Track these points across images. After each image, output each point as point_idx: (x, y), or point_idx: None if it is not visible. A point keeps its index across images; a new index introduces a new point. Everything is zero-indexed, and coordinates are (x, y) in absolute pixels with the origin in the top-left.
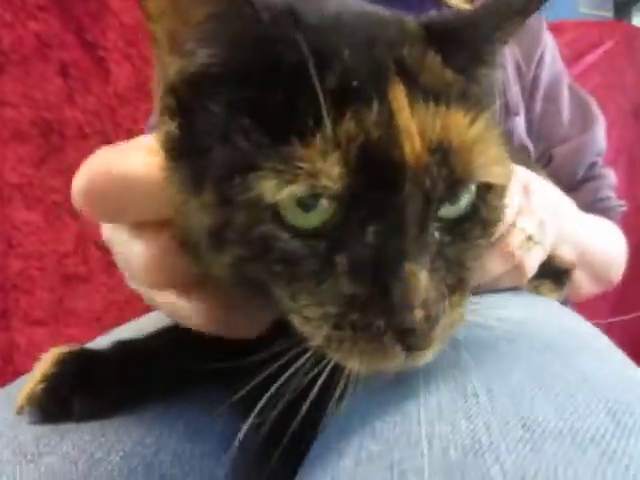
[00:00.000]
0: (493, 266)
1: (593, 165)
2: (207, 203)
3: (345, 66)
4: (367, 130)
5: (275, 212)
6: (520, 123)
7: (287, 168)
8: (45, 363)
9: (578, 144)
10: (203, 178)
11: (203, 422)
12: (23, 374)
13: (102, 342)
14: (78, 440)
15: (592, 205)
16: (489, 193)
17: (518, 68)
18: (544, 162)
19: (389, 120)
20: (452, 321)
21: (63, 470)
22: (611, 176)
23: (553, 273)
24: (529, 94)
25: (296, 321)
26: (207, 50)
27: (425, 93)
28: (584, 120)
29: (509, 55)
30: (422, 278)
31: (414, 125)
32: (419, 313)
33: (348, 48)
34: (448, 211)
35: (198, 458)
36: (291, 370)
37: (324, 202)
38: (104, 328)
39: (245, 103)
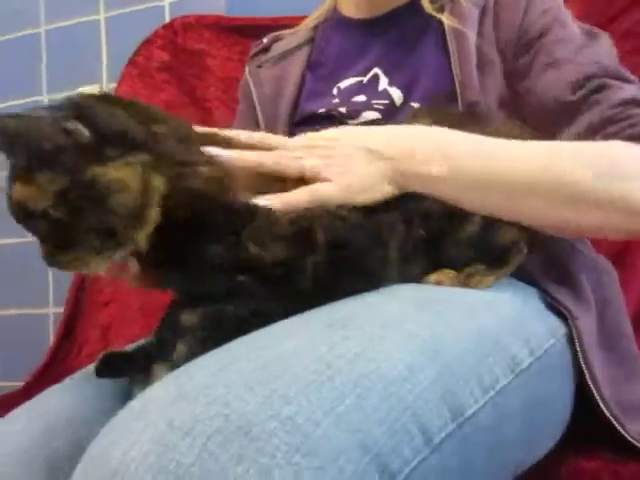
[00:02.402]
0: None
1: (598, 87)
2: None
3: None
4: None
5: None
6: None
7: None
8: (99, 356)
9: (569, 68)
10: None
11: None
12: None
13: None
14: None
15: (600, 128)
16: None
17: (484, 60)
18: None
19: None
20: None
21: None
22: (628, 90)
23: (491, 255)
24: (513, 56)
25: None
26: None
27: None
28: (582, 44)
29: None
30: None
31: None
32: None
33: None
34: None
35: None
36: None
37: None
38: None
39: None
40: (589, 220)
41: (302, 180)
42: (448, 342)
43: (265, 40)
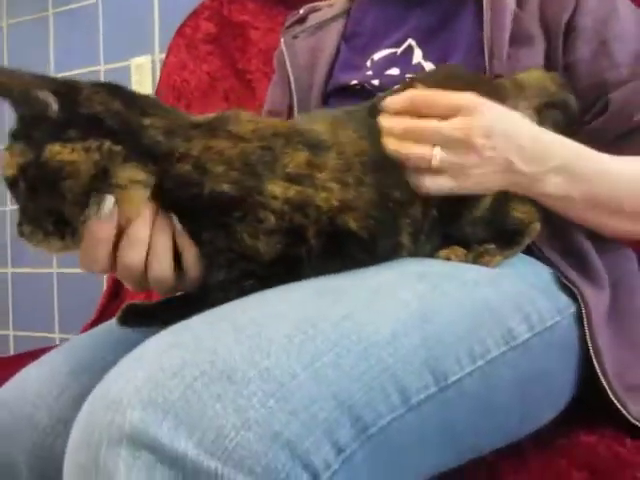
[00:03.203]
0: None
1: None
2: None
3: None
4: None
5: None
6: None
7: None
8: (122, 307)
9: (634, 86)
10: None
11: None
12: None
13: None
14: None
15: None
16: None
17: (522, 34)
18: (598, 110)
19: None
20: None
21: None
22: None
23: (502, 235)
24: (564, 43)
25: None
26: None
27: None
28: None
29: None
30: None
31: None
32: None
33: None
34: None
35: None
36: None
37: None
38: None
39: None
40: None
41: None
42: (440, 312)
43: (302, 11)
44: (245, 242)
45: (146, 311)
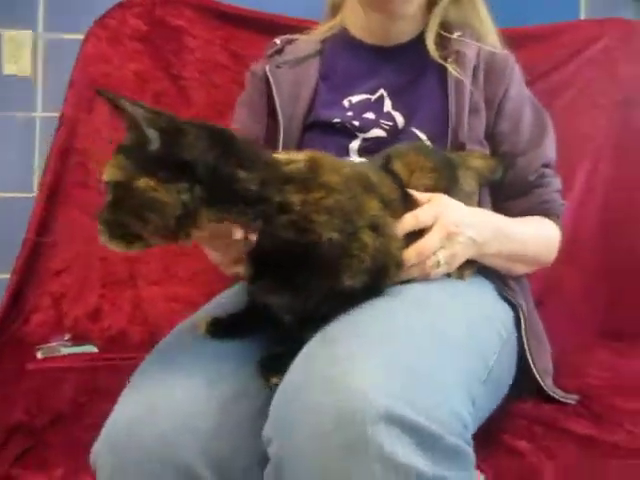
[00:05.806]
0: (411, 273)
1: (542, 175)
2: None
3: None
4: None
5: None
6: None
7: None
8: (207, 322)
9: (529, 158)
10: None
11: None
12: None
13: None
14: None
15: (538, 206)
16: None
17: (475, 107)
18: (506, 165)
19: None
20: None
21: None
22: (556, 183)
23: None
24: (495, 117)
25: None
26: None
27: None
28: (539, 137)
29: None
30: None
31: None
32: None
33: None
34: None
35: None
36: None
37: None
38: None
39: None
40: (531, 269)
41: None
42: (476, 319)
43: (278, 41)
44: (345, 282)
45: (228, 325)
